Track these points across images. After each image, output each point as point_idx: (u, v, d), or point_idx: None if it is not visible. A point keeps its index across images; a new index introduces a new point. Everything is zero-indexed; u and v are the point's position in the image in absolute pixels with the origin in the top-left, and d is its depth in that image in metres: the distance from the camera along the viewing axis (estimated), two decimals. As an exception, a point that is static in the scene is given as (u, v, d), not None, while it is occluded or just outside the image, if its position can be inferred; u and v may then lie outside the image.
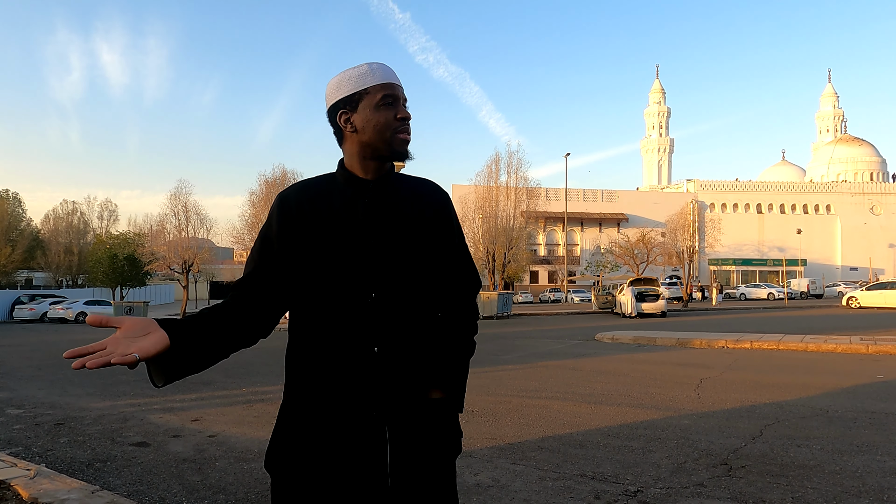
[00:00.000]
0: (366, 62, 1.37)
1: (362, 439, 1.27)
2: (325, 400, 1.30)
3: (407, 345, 1.33)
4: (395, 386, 1.31)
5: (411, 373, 1.33)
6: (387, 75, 1.37)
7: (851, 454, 4.31)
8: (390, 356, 1.30)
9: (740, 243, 68.17)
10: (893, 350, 10.48)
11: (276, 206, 1.36)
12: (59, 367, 10.95)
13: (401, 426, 1.30)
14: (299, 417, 1.32)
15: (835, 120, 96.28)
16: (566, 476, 3.94)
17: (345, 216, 1.33)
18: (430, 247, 1.38)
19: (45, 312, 31.59)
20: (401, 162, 1.41)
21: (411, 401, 1.32)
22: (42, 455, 4.71)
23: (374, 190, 1.36)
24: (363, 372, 1.29)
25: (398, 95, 1.36)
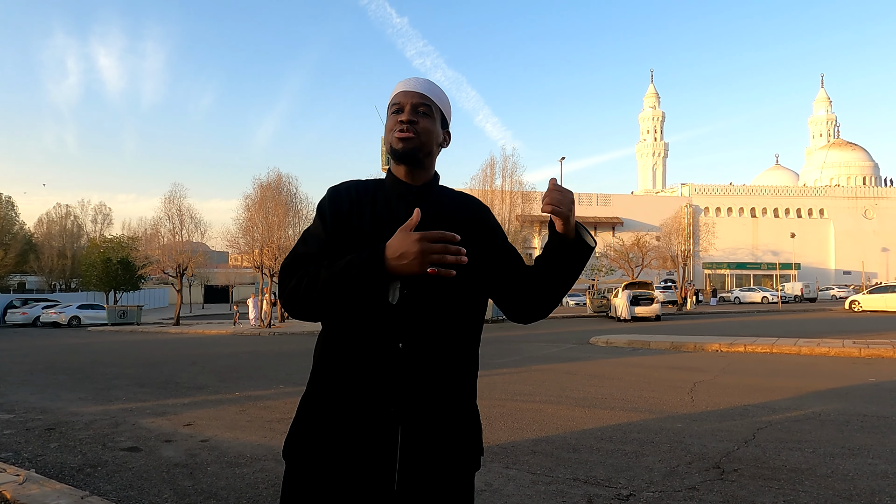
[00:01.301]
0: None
1: (374, 437, 1.27)
2: (344, 393, 1.30)
3: (434, 344, 1.31)
4: (416, 385, 1.29)
5: (435, 373, 1.31)
6: (403, 85, 1.45)
7: (843, 457, 4.32)
8: (415, 353, 1.29)
9: (734, 247, 68.44)
10: (886, 353, 10.53)
11: (327, 197, 1.43)
12: (50, 371, 10.88)
13: (416, 427, 1.28)
14: (317, 409, 1.34)
15: (828, 125, 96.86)
16: (559, 480, 3.93)
17: (387, 216, 1.37)
18: (471, 248, 1.34)
19: (37, 317, 31.35)
20: (403, 162, 1.42)
21: (431, 402, 1.30)
22: (32, 460, 4.67)
23: (417, 194, 1.42)
24: (385, 367, 1.28)
25: (405, 102, 1.41)
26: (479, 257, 1.40)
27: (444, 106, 1.49)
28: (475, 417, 1.43)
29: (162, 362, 12.22)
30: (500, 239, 1.49)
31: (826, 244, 71.20)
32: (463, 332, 1.38)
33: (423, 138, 1.41)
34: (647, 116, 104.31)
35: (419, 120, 1.40)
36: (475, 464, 1.39)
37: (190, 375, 9.99)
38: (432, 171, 1.48)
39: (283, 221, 27.86)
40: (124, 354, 14.48)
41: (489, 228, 1.47)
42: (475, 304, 1.42)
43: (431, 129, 1.43)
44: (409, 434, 1.27)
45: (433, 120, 1.44)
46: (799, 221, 70.68)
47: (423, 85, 1.45)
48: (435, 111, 1.45)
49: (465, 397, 1.39)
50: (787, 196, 72.82)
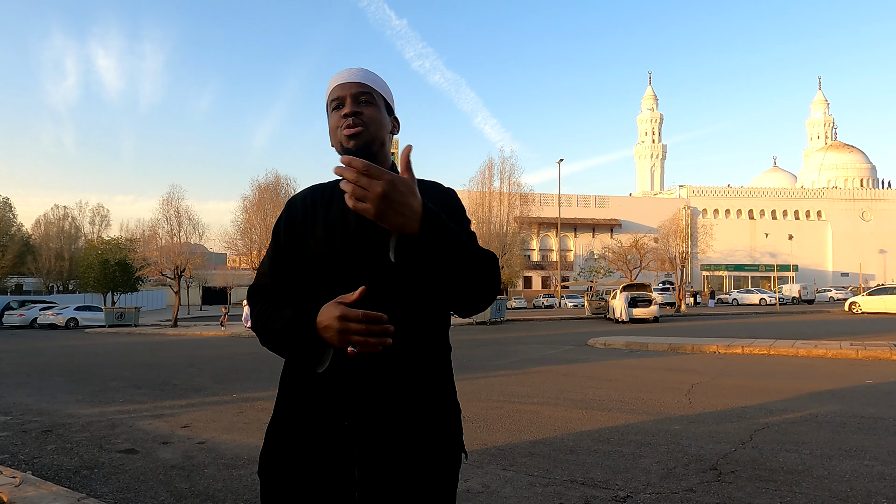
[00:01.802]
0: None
1: (330, 452, 1.23)
2: (299, 409, 1.28)
3: (388, 350, 1.19)
4: (371, 395, 1.22)
5: (391, 381, 1.23)
6: (337, 79, 1.36)
7: (840, 459, 4.33)
8: (368, 361, 1.21)
9: (732, 249, 68.62)
10: (883, 355, 10.55)
11: (283, 212, 1.41)
12: (47, 373, 10.86)
13: (372, 440, 1.22)
14: (279, 425, 1.32)
15: (825, 127, 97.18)
16: (556, 482, 3.93)
17: (339, 221, 1.32)
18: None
19: (35, 318, 31.29)
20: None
21: (388, 412, 1.23)
22: (28, 462, 4.66)
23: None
24: (337, 378, 1.23)
25: (344, 95, 1.33)
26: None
27: (385, 92, 1.40)
28: (448, 419, 1.32)
29: (159, 364, 12.20)
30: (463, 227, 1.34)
31: (824, 246, 71.40)
32: (420, 334, 1.28)
33: (373, 129, 1.32)
34: (646, 118, 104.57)
35: (363, 110, 1.32)
36: (449, 465, 1.29)
37: (187, 377, 9.98)
38: (388, 164, 1.39)
39: (281, 223, 27.91)
40: (122, 356, 14.46)
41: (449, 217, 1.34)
42: (430, 303, 1.30)
43: (378, 118, 1.34)
44: (366, 447, 1.22)
45: (378, 108, 1.35)
46: (797, 223, 70.90)
47: (359, 74, 1.36)
48: (377, 98, 1.35)
49: (432, 400, 1.29)
50: (784, 198, 73.03)
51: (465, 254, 1.14)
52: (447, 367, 1.38)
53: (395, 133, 1.44)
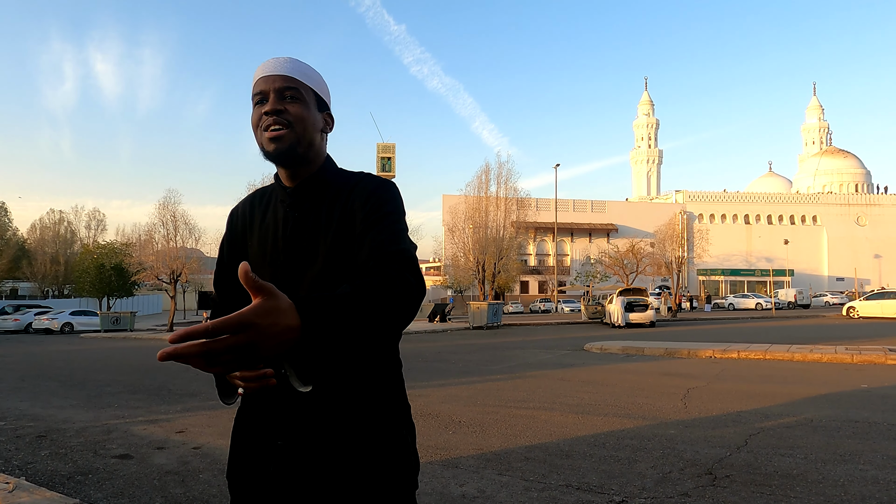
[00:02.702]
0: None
1: (266, 469, 1.21)
2: (247, 425, 1.28)
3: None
4: (301, 413, 1.17)
5: (323, 399, 1.16)
6: (261, 70, 1.22)
7: (835, 463, 4.34)
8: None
9: (728, 254, 68.79)
10: (877, 359, 10.59)
11: (227, 221, 1.38)
12: (42, 378, 10.81)
13: (304, 456, 1.17)
14: (233, 439, 1.32)
15: (820, 132, 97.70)
16: (551, 486, 3.94)
17: (271, 226, 1.28)
18: (341, 257, 1.18)
19: (29, 323, 31.15)
20: (278, 165, 1.25)
21: (320, 431, 1.17)
22: (22, 468, 4.64)
23: (291, 198, 1.27)
24: (273, 399, 1.20)
25: (267, 89, 1.19)
26: (345, 258, 1.19)
27: (316, 85, 1.25)
28: (389, 439, 1.21)
29: (155, 369, 12.16)
30: (361, 226, 1.18)
31: (819, 251, 71.64)
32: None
33: (298, 129, 1.20)
34: (642, 124, 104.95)
35: (288, 107, 1.19)
36: (388, 487, 1.19)
37: (183, 382, 9.94)
38: (318, 163, 1.28)
39: (277, 227, 27.84)
40: (117, 361, 14.40)
41: (357, 212, 1.20)
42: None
43: (305, 116, 1.21)
44: (297, 468, 1.18)
45: (305, 104, 1.21)
46: (792, 228, 71.15)
47: (286, 65, 1.21)
48: (306, 93, 1.22)
49: (370, 419, 1.20)
50: (780, 203, 73.30)
51: (362, 315, 0.93)
52: (393, 383, 1.27)
53: (328, 131, 1.31)
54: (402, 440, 1.24)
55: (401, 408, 1.27)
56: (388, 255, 1.10)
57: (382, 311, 0.97)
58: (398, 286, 1.02)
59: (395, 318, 1.00)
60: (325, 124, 1.30)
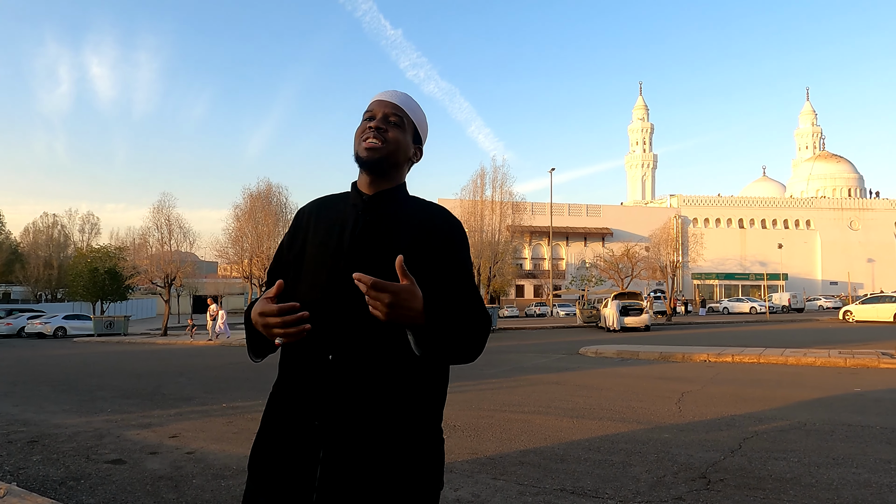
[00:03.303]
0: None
1: (296, 451, 1.26)
2: (279, 405, 1.34)
3: (366, 356, 1.25)
4: (344, 398, 1.25)
5: (367, 388, 1.25)
6: (379, 96, 1.45)
7: (828, 467, 4.36)
8: (345, 366, 1.26)
9: (723, 258, 69.06)
10: (870, 363, 10.64)
11: (293, 219, 1.51)
12: (34, 383, 10.73)
13: (339, 443, 1.23)
14: (264, 420, 1.37)
15: (813, 137, 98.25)
16: (546, 491, 3.93)
17: (337, 226, 1.38)
18: (412, 266, 1.27)
19: (22, 327, 30.95)
20: (367, 171, 1.40)
21: (361, 418, 1.24)
22: (13, 473, 4.60)
23: (367, 203, 1.39)
24: (314, 379, 1.28)
25: (377, 111, 1.41)
26: (419, 276, 1.28)
27: (417, 120, 1.46)
28: (428, 444, 1.31)
29: (148, 373, 12.10)
30: (446, 267, 1.34)
31: (813, 255, 72.04)
32: (399, 346, 1.26)
33: (391, 147, 1.38)
34: (637, 128, 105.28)
35: (389, 129, 1.39)
36: (422, 496, 1.26)
37: (176, 387, 9.90)
38: (396, 183, 1.43)
39: (272, 231, 27.82)
40: (110, 365, 14.32)
41: (437, 250, 1.35)
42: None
43: (401, 140, 1.40)
44: (331, 449, 1.23)
45: (404, 131, 1.41)
46: (786, 232, 71.52)
47: (399, 97, 1.44)
48: (407, 123, 1.42)
49: (411, 417, 1.28)
50: (774, 207, 73.72)
51: (462, 334, 1.25)
52: (435, 392, 1.36)
53: (416, 161, 1.49)
54: (436, 437, 1.34)
55: (437, 409, 1.38)
56: (474, 302, 1.34)
57: (472, 339, 1.27)
58: (484, 330, 1.32)
59: (474, 349, 1.29)
60: (413, 154, 1.47)
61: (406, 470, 1.25)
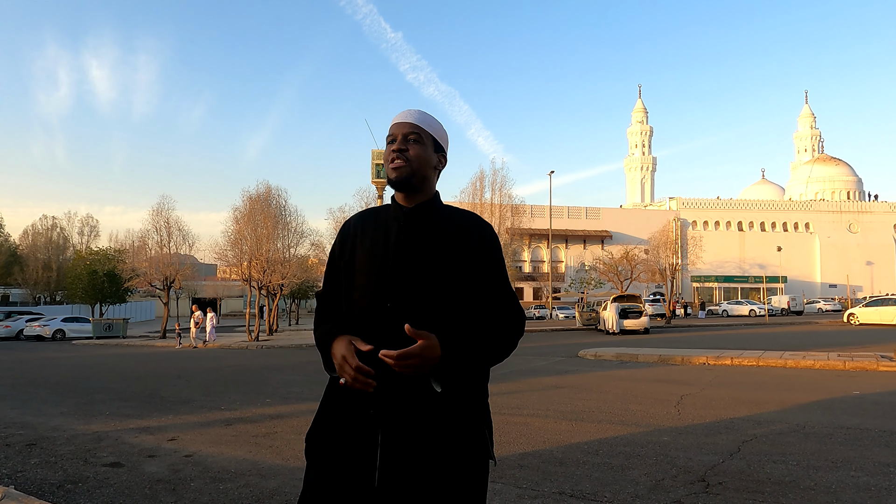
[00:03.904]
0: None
1: (357, 436, 1.41)
2: (339, 397, 1.49)
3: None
4: (396, 389, 1.39)
5: (412, 379, 1.38)
6: (396, 118, 1.59)
7: (826, 470, 4.36)
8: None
9: (722, 260, 69.06)
10: (869, 366, 10.64)
11: (340, 230, 1.67)
12: (33, 385, 10.72)
13: (395, 429, 1.38)
14: (323, 408, 1.54)
15: (812, 140, 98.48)
16: (545, 494, 3.93)
17: (382, 236, 1.54)
18: (452, 270, 1.47)
19: (21, 330, 30.91)
20: (399, 190, 1.56)
21: (412, 405, 1.39)
22: (11, 476, 4.59)
23: (408, 215, 1.55)
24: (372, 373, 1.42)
25: (397, 133, 1.55)
26: (454, 281, 1.48)
27: (435, 132, 1.59)
28: (477, 420, 1.46)
29: (147, 376, 12.08)
30: (483, 267, 1.51)
31: (812, 257, 72.06)
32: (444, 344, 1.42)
33: (415, 165, 1.53)
34: (636, 131, 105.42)
35: (409, 147, 1.53)
36: (474, 470, 1.43)
37: (175, 389, 9.89)
38: (430, 193, 1.59)
39: (271, 234, 27.77)
40: (109, 368, 14.30)
41: (474, 253, 1.50)
42: (458, 317, 1.47)
43: (422, 155, 1.54)
44: (388, 435, 1.38)
45: (424, 146, 1.55)
46: (785, 235, 71.54)
47: (414, 115, 1.58)
48: (426, 137, 1.56)
49: (460, 400, 1.44)
50: (773, 210, 73.77)
51: (486, 348, 1.44)
52: (480, 385, 1.52)
53: (442, 167, 1.63)
54: (481, 432, 1.47)
55: (482, 400, 1.53)
56: (509, 299, 1.52)
57: (499, 345, 1.46)
58: (516, 329, 1.51)
59: (502, 352, 1.48)
60: (438, 162, 1.61)
61: (457, 447, 1.40)
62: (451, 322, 1.45)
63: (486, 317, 1.48)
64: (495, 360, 1.47)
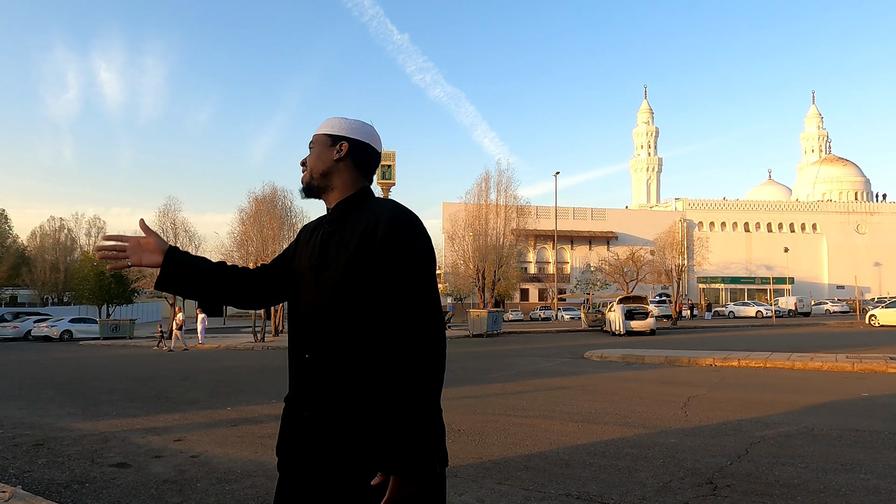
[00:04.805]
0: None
1: (293, 438, 1.47)
2: (287, 400, 1.55)
3: (333, 353, 1.41)
4: (321, 391, 1.42)
5: (339, 381, 1.40)
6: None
7: (836, 472, 4.32)
8: (317, 362, 1.43)
9: (728, 261, 68.74)
10: (878, 368, 10.55)
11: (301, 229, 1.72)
12: (40, 386, 10.77)
13: (320, 430, 1.40)
14: (282, 413, 1.58)
15: (819, 140, 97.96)
16: (551, 496, 3.91)
17: (312, 242, 1.57)
18: (355, 273, 1.41)
19: (29, 330, 31.10)
20: (306, 198, 1.64)
21: (338, 407, 1.39)
22: (19, 476, 4.61)
23: (329, 222, 1.57)
24: (299, 375, 1.49)
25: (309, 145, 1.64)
26: (357, 276, 1.41)
27: (328, 127, 1.60)
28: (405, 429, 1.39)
29: (153, 377, 12.12)
30: (386, 277, 1.39)
31: (819, 258, 71.62)
32: (361, 348, 1.39)
33: (310, 167, 1.59)
34: (641, 132, 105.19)
35: (306, 158, 1.62)
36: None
37: (181, 390, 9.92)
38: (345, 189, 1.57)
39: (277, 235, 27.86)
40: (115, 369, 14.37)
41: (379, 259, 1.39)
42: (368, 315, 1.40)
43: (314, 157, 1.59)
44: (314, 436, 1.40)
45: (315, 148, 1.60)
46: (792, 236, 71.13)
47: (323, 123, 1.64)
48: (317, 140, 1.60)
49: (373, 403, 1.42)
50: (780, 211, 73.37)
51: (425, 419, 1.36)
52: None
53: (345, 153, 1.56)
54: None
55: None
56: (412, 320, 1.36)
57: (428, 391, 1.34)
58: (415, 353, 1.33)
59: (435, 380, 1.37)
60: (339, 151, 1.56)
61: (367, 455, 1.35)
62: (373, 317, 1.39)
63: (385, 341, 1.38)
64: (428, 390, 1.33)
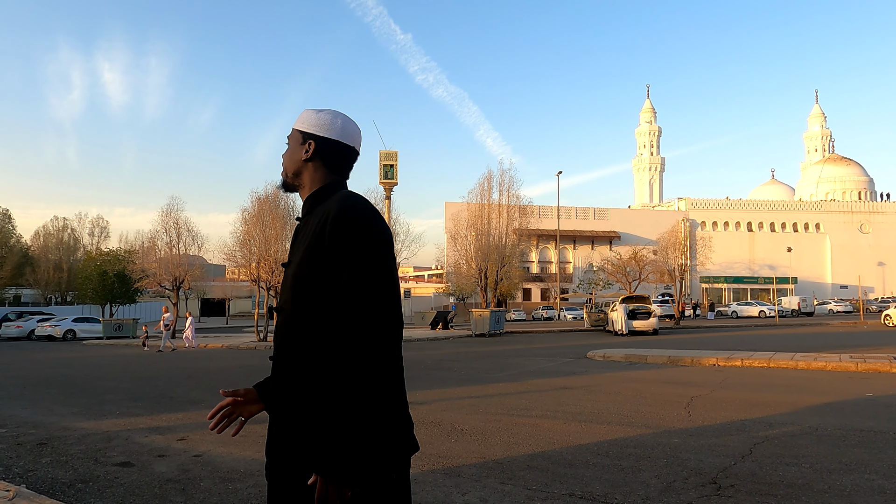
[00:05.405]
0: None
1: (269, 439, 1.52)
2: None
3: (292, 352, 1.42)
4: (279, 391, 1.47)
5: (289, 381, 1.42)
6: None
7: (840, 473, 4.30)
8: (277, 364, 1.49)
9: (731, 261, 68.60)
10: (882, 367, 10.52)
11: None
12: (44, 385, 10.80)
13: (281, 433, 1.44)
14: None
15: (822, 140, 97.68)
16: (554, 496, 3.90)
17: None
18: (307, 270, 1.41)
19: (32, 330, 31.17)
20: (287, 192, 1.70)
21: (286, 410, 1.43)
22: (23, 475, 4.62)
23: (299, 218, 1.61)
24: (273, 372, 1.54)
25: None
26: (309, 273, 1.40)
27: (299, 123, 1.60)
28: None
29: (156, 376, 12.14)
30: (329, 277, 1.36)
31: (822, 258, 71.43)
32: (314, 337, 1.38)
33: (285, 167, 1.62)
34: (644, 131, 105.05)
35: (284, 154, 1.63)
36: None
37: (184, 390, 9.94)
38: (314, 184, 1.57)
39: (280, 235, 27.84)
40: (119, 368, 14.39)
41: (324, 259, 1.38)
42: (317, 313, 1.37)
43: (287, 156, 1.62)
44: (277, 435, 1.45)
45: (289, 147, 1.62)
46: (795, 236, 70.96)
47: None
48: (291, 137, 1.61)
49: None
50: (783, 210, 73.19)
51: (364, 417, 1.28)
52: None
53: (310, 151, 1.56)
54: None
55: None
56: (348, 308, 1.32)
57: (361, 392, 1.27)
58: (357, 361, 1.28)
59: (372, 380, 1.28)
60: (307, 151, 1.56)
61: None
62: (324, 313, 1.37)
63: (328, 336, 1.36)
64: (361, 391, 1.26)
